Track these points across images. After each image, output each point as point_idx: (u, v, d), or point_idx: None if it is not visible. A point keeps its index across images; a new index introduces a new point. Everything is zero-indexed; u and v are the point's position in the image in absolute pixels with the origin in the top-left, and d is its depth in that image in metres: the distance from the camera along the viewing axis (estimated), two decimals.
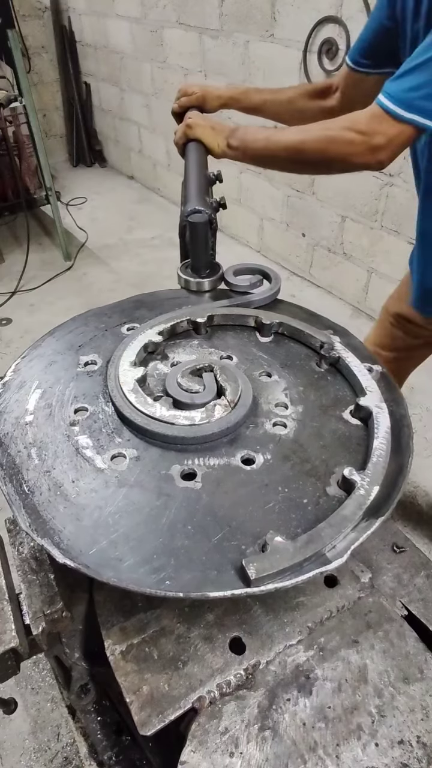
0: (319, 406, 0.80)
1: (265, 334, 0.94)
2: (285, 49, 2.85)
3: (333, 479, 0.69)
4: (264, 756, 0.58)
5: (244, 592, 0.56)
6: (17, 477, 0.67)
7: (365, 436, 0.75)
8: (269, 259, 3.59)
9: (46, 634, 0.69)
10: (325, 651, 0.67)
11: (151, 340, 0.86)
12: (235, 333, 0.95)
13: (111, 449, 0.71)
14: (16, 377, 0.83)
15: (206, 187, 1.09)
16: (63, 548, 0.59)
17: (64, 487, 0.66)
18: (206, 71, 3.53)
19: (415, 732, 0.60)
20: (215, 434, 0.72)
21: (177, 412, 0.74)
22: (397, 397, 0.81)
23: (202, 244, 1.00)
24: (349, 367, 0.83)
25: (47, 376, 0.83)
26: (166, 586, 0.56)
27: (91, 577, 0.57)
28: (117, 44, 4.41)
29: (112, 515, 0.63)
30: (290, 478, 0.69)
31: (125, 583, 0.56)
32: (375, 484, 0.65)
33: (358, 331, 0.91)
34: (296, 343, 0.93)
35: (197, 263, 1.03)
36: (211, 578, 0.57)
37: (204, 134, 1.16)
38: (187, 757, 0.57)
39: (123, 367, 0.80)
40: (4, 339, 2.99)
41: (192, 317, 0.92)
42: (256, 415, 0.77)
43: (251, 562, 0.56)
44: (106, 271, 3.60)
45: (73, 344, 0.90)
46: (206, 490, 0.67)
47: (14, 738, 1.43)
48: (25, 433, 0.73)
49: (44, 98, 5.18)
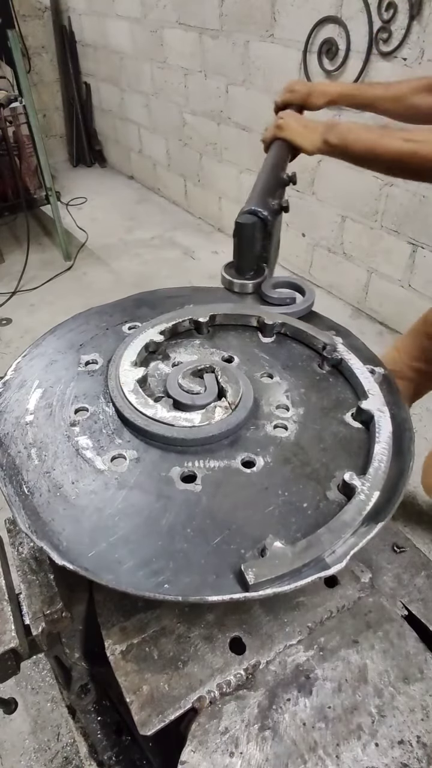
0: (320, 408, 0.80)
1: (267, 335, 0.93)
2: (285, 49, 2.85)
3: (333, 483, 0.68)
4: (264, 756, 0.58)
5: (242, 596, 0.56)
6: (17, 478, 0.67)
7: (366, 440, 0.74)
8: None
9: (46, 634, 0.69)
10: (325, 651, 0.66)
11: (152, 339, 0.86)
12: (237, 333, 0.94)
13: (111, 450, 0.71)
14: (16, 376, 0.83)
15: (275, 189, 1.07)
16: (62, 550, 0.59)
17: (64, 488, 0.66)
18: (206, 71, 3.53)
19: (415, 732, 0.60)
20: (215, 436, 0.71)
21: (177, 413, 0.74)
22: (399, 400, 0.81)
23: (248, 245, 0.99)
24: (352, 369, 0.83)
25: (48, 375, 0.83)
26: (165, 589, 0.56)
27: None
28: (117, 44, 4.41)
29: (112, 517, 0.63)
30: (290, 482, 0.68)
31: (124, 586, 0.56)
32: (375, 490, 0.65)
33: (359, 332, 0.91)
34: (298, 344, 0.92)
35: (241, 264, 1.02)
36: (210, 582, 0.57)
37: (293, 134, 1.14)
38: (187, 757, 0.57)
39: (124, 367, 0.80)
40: (4, 339, 2.99)
41: (194, 317, 0.92)
42: (257, 417, 0.77)
43: (250, 567, 0.56)
44: (106, 271, 3.60)
45: (74, 343, 0.89)
46: (206, 492, 0.66)
47: (14, 738, 1.43)
48: (26, 434, 0.73)
49: (44, 98, 5.18)
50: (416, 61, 2.30)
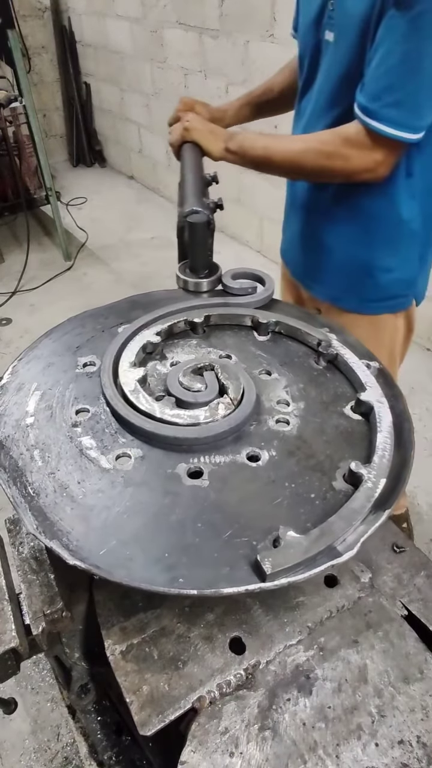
0: (320, 402, 0.80)
1: (262, 333, 0.94)
2: (285, 49, 2.85)
3: (338, 473, 0.69)
4: (264, 756, 0.58)
5: (258, 587, 0.56)
6: (21, 479, 0.67)
7: (367, 431, 0.75)
8: (269, 259, 3.59)
9: (46, 634, 0.69)
10: (325, 651, 0.66)
11: (149, 340, 0.86)
12: (233, 332, 0.95)
13: (115, 449, 0.71)
14: (13, 379, 0.82)
15: (203, 188, 1.09)
16: (72, 549, 0.59)
17: (70, 488, 0.66)
18: (206, 71, 3.53)
19: (415, 732, 0.60)
20: (224, 432, 0.72)
21: (180, 411, 0.74)
22: (396, 392, 0.82)
23: (201, 244, 1.00)
24: (348, 363, 0.84)
25: (46, 378, 0.83)
26: (180, 584, 0.56)
27: (100, 577, 0.57)
28: (117, 44, 4.41)
29: (121, 515, 0.63)
30: (296, 474, 0.69)
31: (137, 582, 0.56)
32: (382, 477, 0.66)
33: None
34: (293, 342, 0.93)
35: (196, 264, 1.03)
36: (224, 574, 0.57)
37: (201, 137, 1.16)
38: (187, 757, 0.57)
39: (123, 367, 0.80)
40: (4, 339, 2.99)
41: (188, 317, 0.92)
42: (259, 412, 0.78)
43: (266, 557, 0.56)
44: (106, 271, 3.60)
45: (71, 346, 0.89)
46: (214, 487, 0.67)
47: (14, 738, 1.43)
48: (27, 436, 0.73)
49: (44, 98, 5.18)
50: None
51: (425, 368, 2.81)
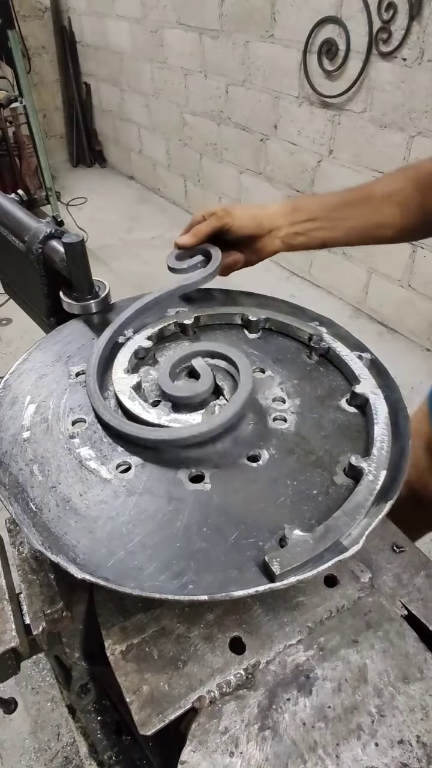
0: (315, 397, 0.80)
1: (253, 331, 0.94)
2: (285, 50, 2.86)
3: (339, 468, 0.69)
4: (264, 756, 0.58)
5: (268, 587, 0.56)
6: (22, 495, 0.66)
7: (364, 423, 0.76)
8: (269, 259, 3.59)
9: (46, 633, 0.69)
10: (325, 651, 0.67)
11: (141, 345, 0.86)
12: (223, 331, 0.95)
13: (115, 458, 0.70)
14: (6, 393, 0.81)
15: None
16: (80, 563, 0.58)
17: (73, 501, 0.65)
18: (206, 71, 3.53)
19: (415, 732, 0.60)
20: (220, 434, 0.72)
21: (178, 415, 0.74)
22: (390, 382, 0.82)
23: (82, 264, 0.93)
24: (340, 356, 0.84)
25: (39, 389, 0.81)
26: (190, 590, 0.56)
27: (112, 589, 0.57)
28: (117, 44, 4.41)
29: (125, 525, 0.63)
30: (297, 471, 0.69)
31: (148, 592, 0.56)
32: (382, 469, 0.66)
33: (359, 331, 0.91)
34: (285, 338, 0.93)
35: (80, 285, 0.95)
36: (234, 577, 0.57)
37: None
38: (187, 757, 0.57)
39: (117, 375, 0.79)
40: (4, 339, 2.99)
41: (178, 320, 0.92)
42: (256, 411, 0.77)
43: (274, 558, 0.56)
44: (106, 271, 3.60)
45: (61, 355, 0.88)
46: (216, 490, 0.67)
47: (14, 738, 1.43)
48: (25, 450, 0.72)
49: (44, 98, 5.18)
50: (416, 62, 2.30)
51: (425, 368, 2.82)
